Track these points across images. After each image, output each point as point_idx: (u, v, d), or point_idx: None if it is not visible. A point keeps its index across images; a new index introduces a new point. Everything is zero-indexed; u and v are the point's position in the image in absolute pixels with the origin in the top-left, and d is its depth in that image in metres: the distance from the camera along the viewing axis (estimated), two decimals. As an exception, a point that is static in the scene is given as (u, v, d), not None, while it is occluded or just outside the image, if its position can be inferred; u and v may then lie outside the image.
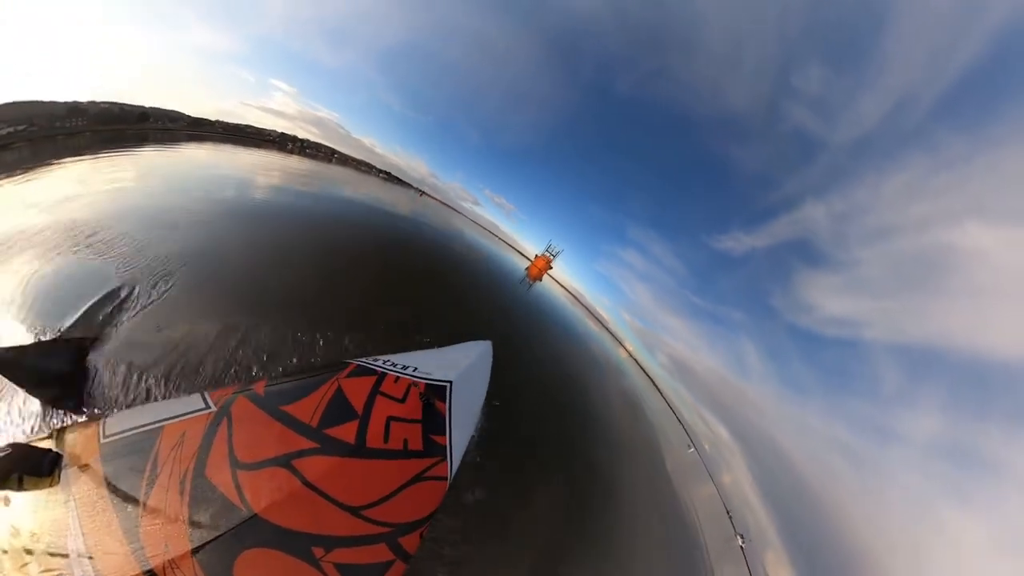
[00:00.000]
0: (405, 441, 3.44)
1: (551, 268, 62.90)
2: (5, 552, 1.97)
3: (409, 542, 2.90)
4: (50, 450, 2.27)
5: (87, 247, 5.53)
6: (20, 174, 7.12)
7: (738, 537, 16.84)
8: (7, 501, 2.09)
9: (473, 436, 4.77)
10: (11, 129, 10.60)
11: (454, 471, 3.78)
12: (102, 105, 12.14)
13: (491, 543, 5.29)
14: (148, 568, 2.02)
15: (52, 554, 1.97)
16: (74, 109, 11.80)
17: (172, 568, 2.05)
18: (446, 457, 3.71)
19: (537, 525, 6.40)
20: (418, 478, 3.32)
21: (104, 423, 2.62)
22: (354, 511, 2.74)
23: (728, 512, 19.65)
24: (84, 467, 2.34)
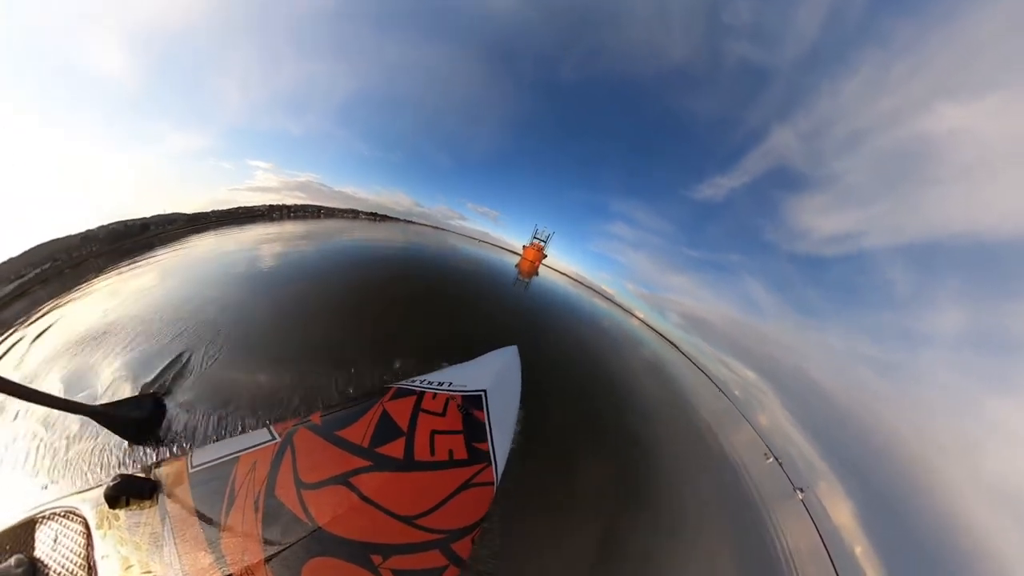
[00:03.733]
0: (450, 452, 3.59)
1: (544, 256, 54.54)
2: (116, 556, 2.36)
3: (461, 547, 3.00)
4: (150, 479, 2.74)
5: (139, 336, 6.30)
6: (59, 301, 7.77)
7: (797, 492, 15.86)
8: (118, 518, 2.52)
9: (514, 441, 4.82)
10: (38, 270, 11.34)
11: (500, 475, 3.85)
12: (110, 227, 12.91)
13: (542, 526, 5.37)
14: (228, 574, 2.29)
15: (151, 560, 2.34)
16: (86, 237, 12.57)
17: (248, 575, 2.30)
18: (491, 462, 3.80)
19: (586, 503, 6.39)
20: (466, 485, 3.43)
21: (191, 456, 3.03)
22: (408, 520, 2.88)
23: (779, 461, 18.71)
24: (176, 492, 2.71)
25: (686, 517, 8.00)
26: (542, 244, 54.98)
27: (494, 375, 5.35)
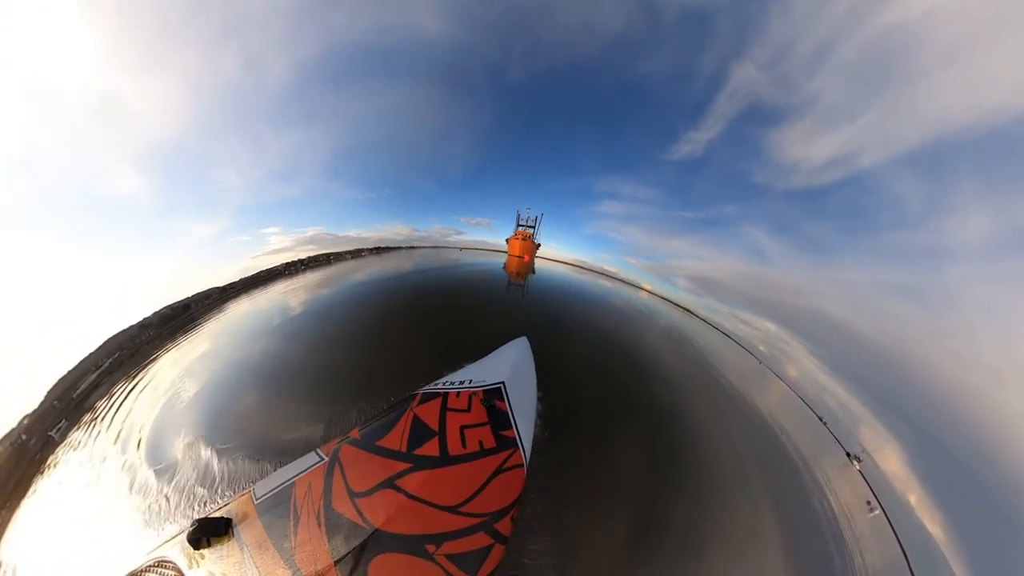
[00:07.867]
0: (480, 443, 3.79)
1: (537, 245, 44.23)
2: None
3: (503, 526, 3.18)
4: (223, 517, 2.98)
5: (202, 390, 7.54)
6: (134, 377, 9.09)
7: (854, 462, 14.02)
8: (204, 556, 2.78)
9: (538, 423, 4.81)
10: (111, 359, 12.94)
11: (529, 456, 4.05)
12: (160, 312, 14.61)
13: (585, 504, 5.45)
14: None
15: None
16: (144, 325, 14.24)
17: None
18: (518, 446, 3.96)
19: (624, 480, 6.37)
20: (499, 470, 3.60)
21: (254, 490, 3.36)
22: (452, 509, 3.08)
23: (824, 423, 16.95)
24: (247, 523, 2.96)
25: (726, 483, 7.69)
26: (529, 231, 43.44)
27: (510, 366, 5.57)
